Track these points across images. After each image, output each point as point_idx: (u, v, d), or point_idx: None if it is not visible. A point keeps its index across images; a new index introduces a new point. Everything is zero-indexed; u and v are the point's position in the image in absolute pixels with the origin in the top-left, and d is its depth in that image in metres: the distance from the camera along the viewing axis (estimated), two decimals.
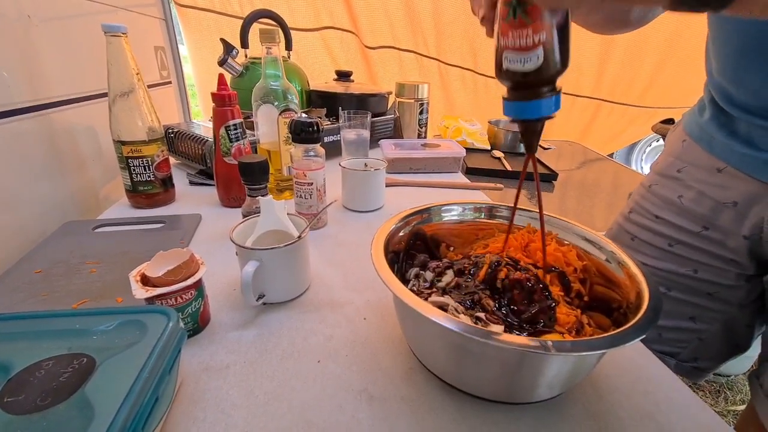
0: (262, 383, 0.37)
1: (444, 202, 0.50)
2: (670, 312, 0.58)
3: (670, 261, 0.57)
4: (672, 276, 0.57)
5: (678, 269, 0.57)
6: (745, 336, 0.57)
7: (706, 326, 0.57)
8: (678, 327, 0.59)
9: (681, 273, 0.56)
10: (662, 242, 0.58)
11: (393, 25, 1.47)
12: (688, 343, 0.59)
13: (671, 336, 0.60)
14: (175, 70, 1.31)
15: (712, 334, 0.57)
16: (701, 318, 0.57)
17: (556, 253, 0.44)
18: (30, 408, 0.25)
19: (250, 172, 0.59)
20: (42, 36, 0.69)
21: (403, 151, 0.97)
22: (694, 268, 0.56)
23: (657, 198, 0.60)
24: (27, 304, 0.45)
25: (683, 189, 0.56)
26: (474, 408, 0.35)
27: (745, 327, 0.56)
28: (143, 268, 0.40)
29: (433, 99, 1.24)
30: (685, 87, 1.69)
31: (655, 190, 0.61)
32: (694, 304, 0.57)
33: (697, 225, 0.55)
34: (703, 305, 0.56)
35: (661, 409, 0.36)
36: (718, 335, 0.57)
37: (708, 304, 0.56)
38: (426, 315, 0.30)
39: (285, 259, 0.46)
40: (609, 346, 0.28)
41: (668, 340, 0.60)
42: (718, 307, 0.56)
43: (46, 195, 0.68)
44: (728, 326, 0.56)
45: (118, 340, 0.31)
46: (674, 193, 0.57)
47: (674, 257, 0.57)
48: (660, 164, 0.62)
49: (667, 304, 0.58)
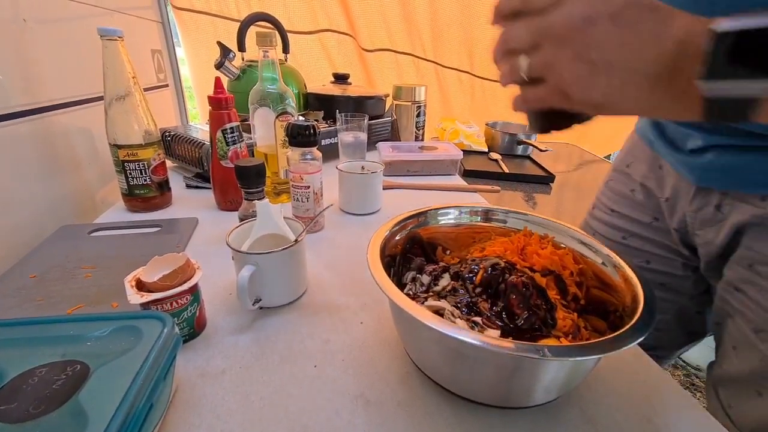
0: (258, 388, 0.37)
1: (440, 206, 0.50)
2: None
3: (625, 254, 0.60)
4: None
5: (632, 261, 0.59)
6: (699, 323, 0.59)
7: (660, 316, 0.59)
8: None
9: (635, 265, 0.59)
10: (617, 235, 0.61)
11: (390, 28, 1.47)
12: None
13: None
14: (172, 73, 1.31)
15: (667, 323, 0.60)
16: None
17: (553, 256, 0.44)
18: (23, 416, 0.25)
19: (247, 176, 0.59)
20: (38, 39, 0.69)
21: (400, 153, 0.97)
22: (647, 259, 0.58)
23: (612, 192, 0.63)
24: (22, 310, 0.45)
25: (632, 183, 0.60)
26: (470, 412, 0.35)
27: (697, 314, 0.59)
28: (138, 273, 0.40)
29: (430, 101, 1.24)
30: None
31: (611, 185, 0.64)
32: None
33: (648, 216, 0.58)
34: (658, 296, 0.58)
35: (657, 411, 0.36)
36: (672, 324, 0.60)
37: (661, 294, 0.58)
38: (422, 320, 0.30)
39: (281, 263, 0.46)
40: (605, 351, 0.28)
41: None
42: (671, 297, 0.58)
43: (42, 199, 0.68)
44: (681, 315, 0.59)
45: (112, 346, 0.31)
46: (627, 187, 0.60)
47: (628, 249, 0.60)
48: (616, 160, 0.65)
49: None
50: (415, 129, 1.22)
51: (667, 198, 0.54)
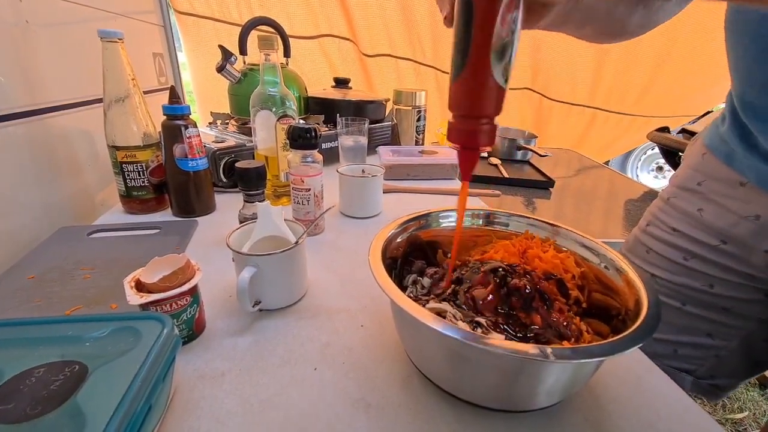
0: (257, 391, 0.36)
1: (441, 209, 0.49)
2: (685, 327, 0.57)
3: (686, 275, 0.56)
4: (687, 290, 0.56)
5: (693, 283, 0.55)
6: (766, 352, 0.55)
7: (723, 342, 0.56)
8: (694, 343, 0.57)
9: (696, 288, 0.55)
10: (678, 256, 0.57)
11: (390, 33, 1.48)
12: (705, 359, 0.57)
13: (687, 352, 0.58)
14: (174, 76, 1.32)
15: (730, 350, 0.56)
16: (718, 334, 0.55)
17: (554, 259, 0.44)
18: (20, 417, 0.25)
19: (248, 178, 0.59)
20: (40, 41, 0.69)
21: (400, 157, 0.97)
22: (710, 283, 0.54)
23: (675, 210, 0.58)
24: (20, 311, 0.45)
25: (703, 202, 0.55)
26: (472, 416, 0.35)
27: (764, 342, 0.55)
28: (138, 274, 0.40)
29: (430, 106, 1.25)
30: (679, 96, 1.72)
31: (674, 202, 0.59)
32: (710, 320, 0.55)
33: (715, 239, 0.53)
34: (720, 321, 0.55)
35: (661, 417, 0.36)
36: (736, 352, 0.55)
37: (725, 319, 0.54)
38: (424, 322, 0.29)
39: (282, 266, 0.46)
40: (609, 353, 0.28)
41: (684, 357, 0.58)
42: (736, 322, 0.54)
43: (40, 200, 0.67)
44: (747, 342, 0.55)
45: (111, 347, 0.30)
46: (693, 206, 0.56)
47: (690, 271, 0.56)
48: (679, 177, 0.60)
49: (682, 319, 0.57)
50: (416, 133, 1.22)
51: (758, 216, 0.49)
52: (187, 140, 0.67)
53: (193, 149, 0.68)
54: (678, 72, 1.61)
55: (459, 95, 0.30)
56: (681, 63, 1.59)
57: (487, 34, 0.27)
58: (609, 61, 1.61)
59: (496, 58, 0.28)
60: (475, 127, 0.31)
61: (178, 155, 0.67)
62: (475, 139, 0.31)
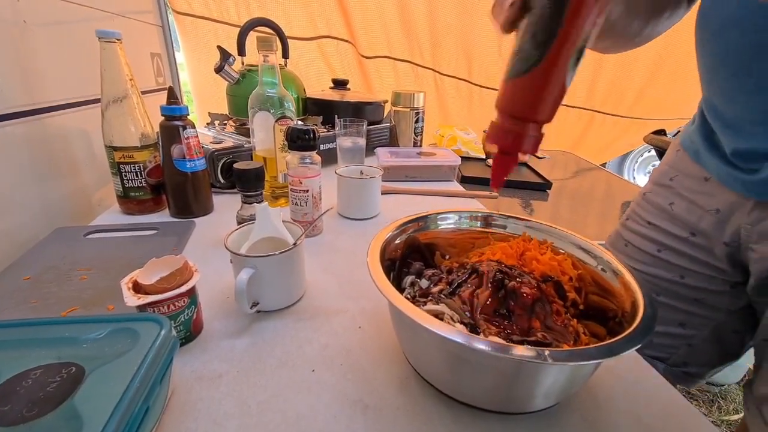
0: (255, 393, 0.36)
1: (440, 211, 0.50)
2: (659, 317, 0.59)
3: (659, 266, 0.59)
4: (660, 281, 0.59)
5: (665, 275, 0.58)
6: (735, 343, 0.58)
7: (694, 332, 0.58)
8: (667, 332, 0.60)
9: (668, 279, 0.58)
10: (652, 248, 0.60)
11: (389, 35, 1.49)
12: (678, 348, 0.60)
13: (661, 341, 0.60)
14: (172, 76, 1.31)
15: (701, 339, 0.58)
16: (690, 324, 0.58)
17: (552, 262, 0.44)
18: (16, 419, 0.24)
19: (246, 179, 0.59)
20: (38, 41, 0.68)
21: (398, 159, 0.97)
22: (681, 274, 0.57)
23: (650, 205, 0.62)
24: (16, 312, 0.44)
25: (674, 197, 0.58)
26: (470, 418, 0.35)
27: (733, 333, 0.57)
28: (135, 275, 0.40)
29: (428, 108, 1.25)
30: (675, 99, 1.72)
31: (649, 197, 0.63)
32: (682, 310, 0.58)
33: (685, 231, 0.56)
34: (692, 311, 0.57)
35: (657, 418, 0.36)
36: (707, 341, 0.58)
37: (696, 310, 0.57)
38: (422, 323, 0.29)
39: (280, 267, 0.46)
40: (606, 356, 0.28)
41: (658, 345, 0.61)
42: (706, 313, 0.57)
43: (37, 200, 0.67)
44: (717, 333, 0.57)
45: (108, 348, 0.30)
46: (666, 201, 0.59)
47: (662, 263, 0.59)
48: (656, 173, 0.64)
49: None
50: (414, 135, 1.22)
51: (717, 209, 0.52)
52: (185, 141, 0.66)
53: (191, 150, 0.68)
54: (674, 75, 1.62)
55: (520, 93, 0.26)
56: (677, 67, 1.60)
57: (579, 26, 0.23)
58: (607, 65, 1.62)
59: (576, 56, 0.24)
60: (525, 131, 0.27)
61: (176, 156, 0.67)
62: (522, 144, 0.27)
